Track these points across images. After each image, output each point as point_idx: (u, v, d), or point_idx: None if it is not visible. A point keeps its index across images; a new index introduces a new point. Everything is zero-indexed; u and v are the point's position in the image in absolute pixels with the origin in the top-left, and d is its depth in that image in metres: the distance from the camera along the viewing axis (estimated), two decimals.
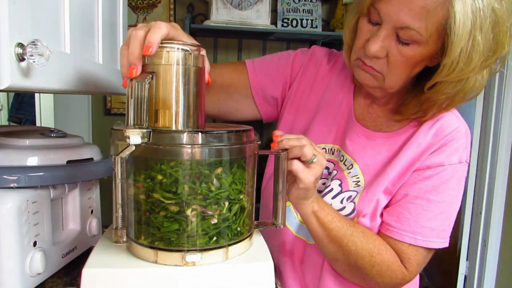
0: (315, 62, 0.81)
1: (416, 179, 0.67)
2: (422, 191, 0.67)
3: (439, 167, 0.66)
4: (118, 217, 0.53)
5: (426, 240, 0.66)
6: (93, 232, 0.78)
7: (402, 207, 0.67)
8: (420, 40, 0.57)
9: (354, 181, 0.72)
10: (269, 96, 0.82)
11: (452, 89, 0.60)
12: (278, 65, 0.82)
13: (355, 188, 0.71)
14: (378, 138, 0.72)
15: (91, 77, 0.66)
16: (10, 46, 0.41)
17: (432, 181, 0.66)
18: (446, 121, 0.68)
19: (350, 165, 0.73)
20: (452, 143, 0.67)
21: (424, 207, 0.66)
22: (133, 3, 2.06)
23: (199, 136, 0.49)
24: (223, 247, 0.53)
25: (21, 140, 0.65)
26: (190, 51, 0.52)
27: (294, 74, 0.81)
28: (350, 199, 0.71)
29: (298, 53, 0.83)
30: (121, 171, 0.50)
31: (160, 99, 0.51)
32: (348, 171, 0.72)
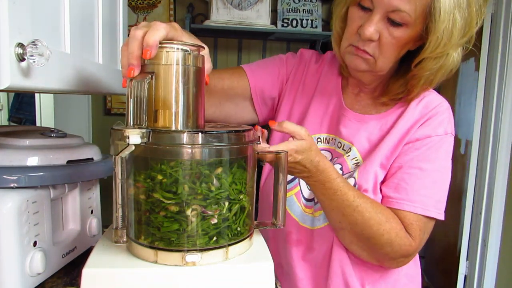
0: (304, 62, 0.88)
1: (407, 151, 0.73)
2: (414, 161, 0.72)
3: (427, 138, 0.73)
4: (118, 217, 0.53)
5: (424, 208, 0.71)
6: (93, 232, 0.78)
7: (398, 178, 0.72)
8: (409, 22, 0.63)
9: (354, 163, 0.77)
10: (268, 96, 0.87)
11: (435, 64, 0.67)
12: (274, 67, 0.88)
13: (355, 168, 0.76)
14: (370, 120, 0.78)
15: (91, 77, 0.66)
16: (10, 46, 0.41)
17: (422, 151, 0.72)
18: (430, 99, 0.75)
19: (349, 148, 0.78)
20: (437, 117, 0.74)
21: (418, 176, 0.71)
22: (133, 3, 2.06)
23: (199, 136, 0.49)
24: (223, 247, 0.53)
25: (21, 140, 0.65)
26: (189, 51, 0.52)
27: (288, 73, 0.88)
28: (350, 178, 0.75)
29: (289, 56, 0.90)
30: (121, 171, 0.50)
31: (159, 99, 0.51)
32: (347, 154, 0.77)
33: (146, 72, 0.51)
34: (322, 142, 0.82)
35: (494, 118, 1.90)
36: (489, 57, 1.93)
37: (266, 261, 0.54)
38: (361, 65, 0.70)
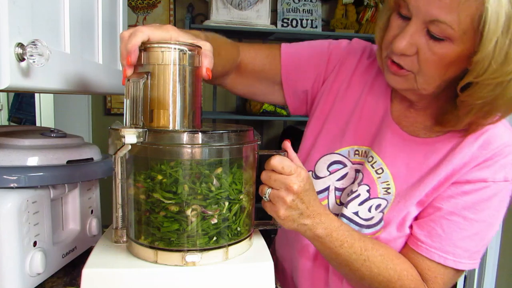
0: (354, 56, 0.75)
1: (453, 193, 0.61)
2: (459, 207, 0.61)
3: (481, 182, 0.60)
4: (118, 217, 0.53)
5: (456, 260, 0.61)
6: (93, 232, 0.78)
7: (434, 222, 0.62)
8: (453, 36, 0.51)
9: (384, 187, 0.66)
10: (300, 90, 0.78)
11: (489, 93, 0.53)
12: (315, 56, 0.76)
13: (385, 196, 0.66)
14: (415, 143, 0.65)
15: (91, 77, 0.66)
16: (10, 46, 0.41)
17: (471, 198, 0.60)
18: (494, 133, 0.61)
19: (380, 169, 0.67)
20: (499, 158, 0.60)
21: (459, 225, 0.60)
22: (133, 3, 2.06)
23: (199, 136, 0.49)
24: (223, 247, 0.53)
25: (21, 140, 0.65)
26: (185, 51, 0.52)
27: (329, 69, 0.76)
28: (379, 209, 0.66)
29: (336, 46, 0.77)
30: (121, 171, 0.50)
31: (155, 99, 0.51)
32: (377, 175, 0.67)
33: (142, 72, 0.51)
34: (356, 155, 0.71)
35: None
36: None
37: (266, 261, 0.54)
38: (398, 84, 0.60)
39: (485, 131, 0.61)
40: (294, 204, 0.55)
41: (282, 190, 0.55)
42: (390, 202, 0.65)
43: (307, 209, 0.56)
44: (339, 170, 0.71)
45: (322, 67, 0.76)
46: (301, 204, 0.55)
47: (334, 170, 0.71)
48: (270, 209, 0.57)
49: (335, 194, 0.71)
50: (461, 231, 0.60)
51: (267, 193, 0.56)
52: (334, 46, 0.76)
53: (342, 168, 0.71)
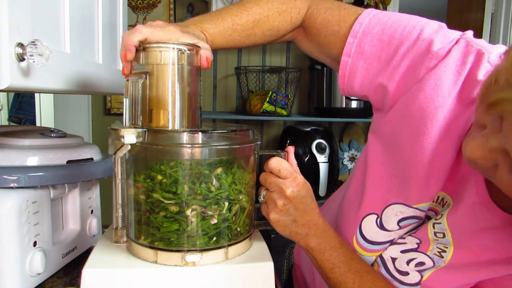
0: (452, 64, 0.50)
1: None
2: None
3: None
4: (118, 217, 0.53)
5: None
6: (93, 232, 0.78)
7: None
8: None
9: (439, 250, 0.52)
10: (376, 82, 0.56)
11: None
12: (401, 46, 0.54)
13: (434, 257, 0.52)
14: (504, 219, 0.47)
15: (91, 77, 0.66)
16: (10, 46, 0.41)
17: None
18: None
19: (441, 233, 0.52)
20: None
21: None
22: (133, 3, 2.06)
23: (199, 136, 0.49)
24: (223, 247, 0.53)
25: (21, 140, 0.65)
26: (183, 50, 0.52)
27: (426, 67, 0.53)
28: (420, 267, 0.53)
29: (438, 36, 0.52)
30: (121, 171, 0.50)
31: (154, 99, 0.51)
32: (435, 238, 0.53)
33: (141, 72, 0.51)
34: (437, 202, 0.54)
35: None
36: None
37: (266, 261, 0.54)
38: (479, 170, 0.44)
39: None
40: (285, 209, 0.52)
41: (275, 192, 0.53)
42: (436, 267, 0.52)
43: (302, 217, 0.53)
44: (411, 225, 0.56)
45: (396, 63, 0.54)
46: (294, 210, 0.52)
47: (405, 225, 0.56)
48: (264, 210, 0.56)
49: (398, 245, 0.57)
50: None
51: (262, 195, 0.56)
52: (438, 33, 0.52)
53: (415, 223, 0.56)
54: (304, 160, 1.82)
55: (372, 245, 0.58)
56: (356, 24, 0.57)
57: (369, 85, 0.57)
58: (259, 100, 1.90)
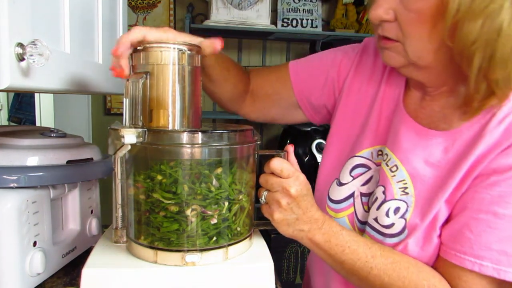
0: (368, 54, 0.70)
1: (479, 187, 0.53)
2: (486, 202, 0.51)
3: (508, 171, 0.50)
4: (118, 217, 0.53)
5: (496, 268, 0.50)
6: (93, 232, 0.78)
7: (461, 223, 0.53)
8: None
9: (401, 187, 0.59)
10: (316, 104, 0.75)
11: (481, 29, 0.45)
12: (323, 69, 0.73)
13: (403, 197, 0.58)
14: (434, 136, 0.57)
15: (91, 77, 0.66)
16: (10, 46, 0.41)
17: (499, 190, 0.51)
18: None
19: (394, 166, 0.60)
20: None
21: (491, 224, 0.51)
22: (133, 3, 2.06)
23: (199, 136, 0.49)
24: (223, 247, 0.53)
25: (21, 140, 0.65)
26: (184, 51, 0.52)
27: (342, 77, 0.71)
28: (399, 213, 0.58)
29: (347, 52, 0.73)
30: (121, 171, 0.50)
31: (154, 99, 0.51)
32: (392, 173, 0.60)
33: (141, 72, 0.51)
34: (377, 156, 0.65)
35: None
36: None
37: (266, 261, 0.54)
38: (391, 59, 0.56)
39: (508, 113, 0.52)
40: (289, 208, 0.54)
41: (278, 192, 0.53)
42: (411, 205, 0.57)
43: (304, 214, 0.54)
44: (363, 174, 0.64)
45: (333, 79, 0.72)
46: (297, 209, 0.54)
47: (357, 174, 0.65)
48: (266, 211, 0.56)
49: (361, 200, 0.64)
50: (494, 230, 0.50)
51: (263, 196, 0.56)
52: (345, 53, 0.72)
53: (366, 172, 0.64)
54: (304, 160, 1.82)
55: (338, 204, 0.66)
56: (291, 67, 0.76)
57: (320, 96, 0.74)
58: None
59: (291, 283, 1.90)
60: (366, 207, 0.64)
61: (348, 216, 0.65)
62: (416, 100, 0.63)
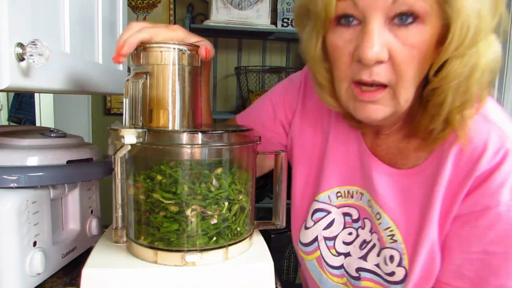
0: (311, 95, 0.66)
1: (462, 228, 0.51)
2: (474, 242, 0.50)
3: (485, 211, 0.49)
4: (118, 217, 0.53)
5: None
6: (93, 232, 0.78)
7: (456, 264, 0.52)
8: (423, 11, 0.42)
9: (389, 234, 0.57)
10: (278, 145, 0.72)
11: (464, 67, 0.44)
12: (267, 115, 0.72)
13: (393, 245, 0.56)
14: (403, 176, 0.55)
15: (91, 77, 0.66)
16: (10, 46, 0.41)
17: (482, 230, 0.50)
18: (481, 141, 0.49)
19: (378, 214, 0.58)
20: (495, 175, 0.48)
21: (485, 262, 0.50)
22: (133, 3, 2.06)
23: (199, 136, 0.49)
24: (223, 247, 0.53)
25: (21, 140, 0.65)
26: (184, 51, 0.52)
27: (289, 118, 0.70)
28: (395, 261, 0.56)
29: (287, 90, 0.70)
30: (120, 171, 0.50)
31: (154, 99, 0.51)
32: (377, 221, 0.58)
33: (141, 72, 0.51)
34: (336, 199, 0.63)
35: None
36: None
37: (266, 262, 0.54)
38: (377, 113, 0.48)
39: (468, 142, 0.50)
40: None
41: None
42: (403, 252, 0.56)
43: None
44: (323, 219, 0.64)
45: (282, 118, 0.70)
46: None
47: (317, 219, 0.64)
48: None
49: (326, 245, 0.64)
50: (491, 267, 0.50)
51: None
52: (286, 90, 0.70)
53: (326, 216, 0.63)
54: None
55: (306, 247, 0.66)
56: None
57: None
58: None
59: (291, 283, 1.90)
60: (334, 251, 0.63)
61: (316, 259, 0.65)
62: (371, 139, 0.60)
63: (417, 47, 0.44)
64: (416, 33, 0.43)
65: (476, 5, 0.42)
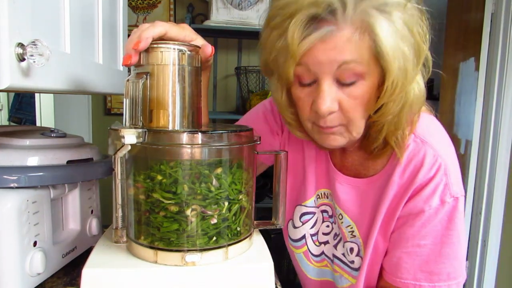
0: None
1: (402, 228, 0.64)
2: (410, 238, 0.63)
3: (420, 214, 0.61)
4: (118, 217, 0.53)
5: (432, 285, 0.62)
6: (93, 232, 0.78)
7: (396, 257, 0.65)
8: (362, 72, 0.53)
9: (349, 231, 0.70)
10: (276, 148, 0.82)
11: (397, 106, 0.57)
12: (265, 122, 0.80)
13: (352, 239, 0.70)
14: (361, 184, 0.68)
15: (91, 77, 0.66)
16: (10, 46, 0.41)
17: (416, 228, 0.62)
18: (419, 159, 0.62)
19: (340, 215, 0.71)
20: (429, 185, 0.60)
21: (418, 253, 0.63)
22: (133, 3, 2.06)
23: (199, 136, 0.49)
24: (222, 247, 0.53)
25: (21, 140, 0.65)
26: (184, 51, 0.52)
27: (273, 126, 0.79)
28: (354, 252, 0.70)
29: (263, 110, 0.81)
30: (120, 171, 0.50)
31: (154, 99, 0.51)
32: (340, 221, 0.71)
33: (141, 72, 0.51)
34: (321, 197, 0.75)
35: (494, 118, 1.90)
36: (489, 57, 1.93)
37: (265, 262, 0.54)
38: (336, 141, 0.61)
39: (410, 159, 0.62)
40: None
41: None
42: (361, 246, 0.69)
43: None
44: (310, 220, 0.77)
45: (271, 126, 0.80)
46: None
47: (305, 220, 0.77)
48: None
49: (312, 239, 0.77)
50: (422, 257, 0.62)
51: None
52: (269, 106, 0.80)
53: (312, 217, 0.77)
54: None
55: (295, 242, 0.79)
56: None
57: None
58: (259, 100, 1.90)
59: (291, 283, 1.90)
60: (318, 243, 0.77)
61: (304, 253, 0.78)
62: (338, 156, 0.73)
63: (360, 98, 0.56)
64: (358, 88, 0.55)
65: (402, 64, 0.53)
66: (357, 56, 0.52)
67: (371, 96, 0.56)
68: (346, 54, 0.52)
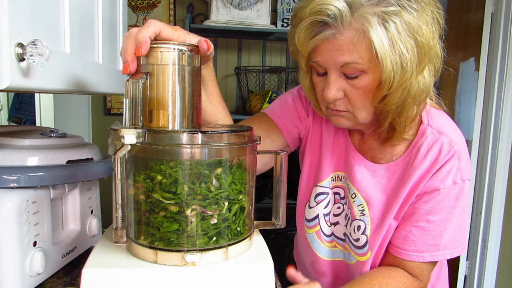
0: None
1: (416, 204, 0.72)
2: (422, 214, 0.72)
3: (434, 192, 0.70)
4: (118, 217, 0.53)
5: (433, 255, 0.72)
6: (93, 232, 0.78)
7: (406, 230, 0.73)
8: (364, 68, 0.61)
9: (360, 210, 0.76)
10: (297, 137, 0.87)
11: (399, 97, 0.63)
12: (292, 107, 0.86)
13: (361, 217, 0.76)
14: (379, 170, 0.76)
15: (91, 77, 0.66)
16: (10, 46, 0.41)
17: (430, 205, 0.71)
18: (438, 146, 0.71)
19: (353, 194, 0.77)
20: (445, 167, 0.70)
21: (426, 228, 0.72)
22: (133, 3, 2.06)
23: (199, 136, 0.49)
24: (222, 247, 0.53)
25: (21, 140, 0.65)
26: (184, 51, 0.52)
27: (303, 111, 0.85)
28: (361, 230, 0.76)
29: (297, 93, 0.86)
30: (120, 171, 0.50)
31: (154, 99, 0.51)
32: (352, 199, 0.77)
33: (141, 72, 0.51)
34: (335, 180, 0.82)
35: (494, 118, 1.90)
36: (489, 57, 1.93)
37: (265, 261, 0.54)
38: (343, 123, 0.70)
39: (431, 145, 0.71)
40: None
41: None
42: (368, 224, 0.76)
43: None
44: (324, 200, 0.83)
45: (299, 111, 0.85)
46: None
47: (320, 200, 0.83)
48: None
49: (324, 219, 0.83)
50: (429, 232, 0.72)
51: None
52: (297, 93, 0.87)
53: (326, 198, 0.82)
54: None
55: (310, 222, 0.84)
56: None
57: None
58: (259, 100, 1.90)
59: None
60: (329, 223, 0.82)
61: (316, 232, 0.83)
62: (358, 139, 0.80)
63: (362, 89, 0.64)
64: (361, 81, 0.63)
65: (398, 62, 0.59)
66: (357, 57, 0.59)
67: (373, 87, 0.64)
68: (347, 55, 0.60)
